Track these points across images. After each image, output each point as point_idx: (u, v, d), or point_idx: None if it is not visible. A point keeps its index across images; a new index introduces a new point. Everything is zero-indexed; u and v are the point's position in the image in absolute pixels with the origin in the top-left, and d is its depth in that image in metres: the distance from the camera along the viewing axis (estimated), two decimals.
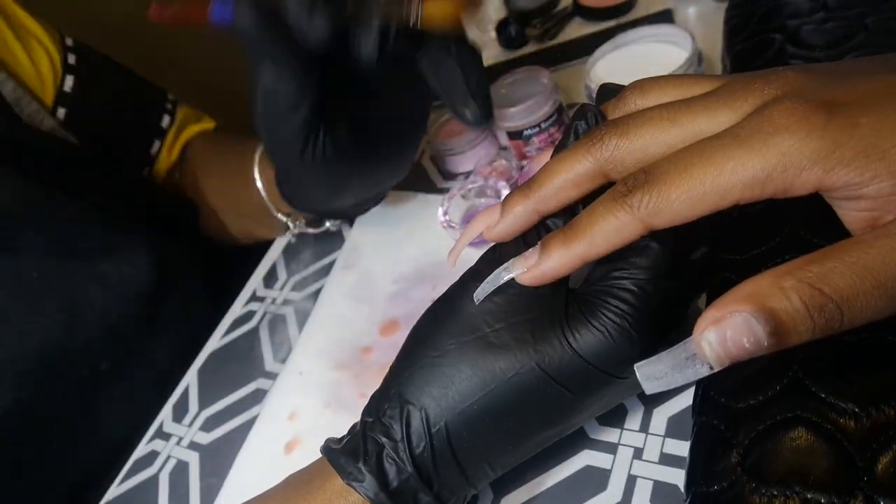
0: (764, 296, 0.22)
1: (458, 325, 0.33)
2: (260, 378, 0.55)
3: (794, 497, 0.25)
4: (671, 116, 0.27)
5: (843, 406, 0.26)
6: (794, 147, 0.23)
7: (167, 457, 0.53)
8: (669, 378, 0.24)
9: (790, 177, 0.23)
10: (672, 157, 0.26)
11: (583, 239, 0.28)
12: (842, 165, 0.23)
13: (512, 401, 0.31)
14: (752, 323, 0.22)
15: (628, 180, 0.26)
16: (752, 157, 0.24)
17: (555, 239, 0.29)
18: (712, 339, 0.22)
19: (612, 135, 0.28)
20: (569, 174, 0.30)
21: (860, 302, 0.22)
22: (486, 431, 0.32)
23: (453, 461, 0.32)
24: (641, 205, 0.26)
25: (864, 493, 0.24)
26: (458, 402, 0.32)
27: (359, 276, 0.57)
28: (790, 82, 0.25)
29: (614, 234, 0.27)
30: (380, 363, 0.50)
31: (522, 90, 0.59)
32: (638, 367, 0.25)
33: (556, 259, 0.29)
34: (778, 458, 0.26)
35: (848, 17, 0.38)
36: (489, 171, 0.58)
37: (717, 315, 0.22)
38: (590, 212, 0.28)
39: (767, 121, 0.24)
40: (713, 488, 0.28)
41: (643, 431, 0.38)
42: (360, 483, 0.32)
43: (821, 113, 0.23)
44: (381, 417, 0.33)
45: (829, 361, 0.27)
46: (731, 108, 0.26)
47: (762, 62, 0.41)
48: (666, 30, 0.55)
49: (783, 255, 0.32)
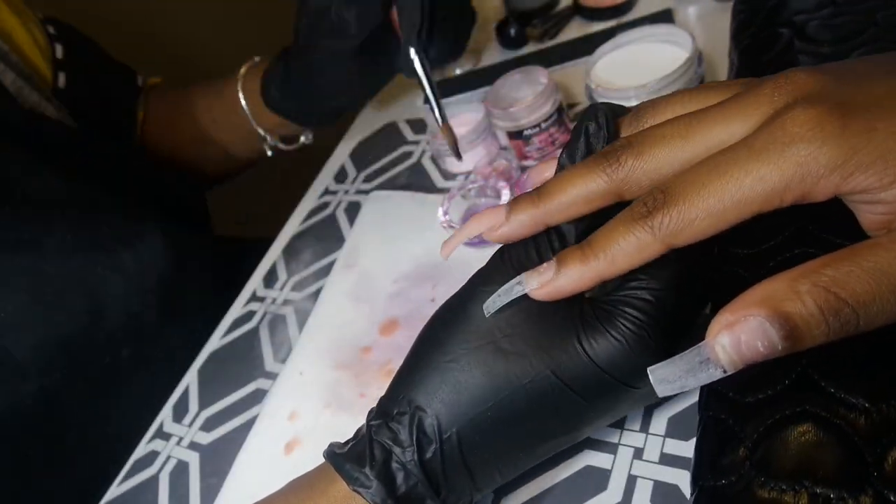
0: (779, 299, 0.22)
1: (470, 330, 0.32)
2: (260, 378, 0.55)
3: (802, 492, 0.25)
4: (686, 133, 0.27)
5: (852, 401, 0.26)
6: (812, 156, 0.23)
7: (167, 457, 0.53)
8: (683, 381, 0.24)
9: (808, 185, 0.23)
10: (690, 176, 0.25)
11: (602, 257, 0.28)
12: (860, 171, 0.23)
13: (525, 408, 0.31)
14: (767, 327, 0.22)
15: (647, 201, 0.26)
16: (769, 169, 0.23)
17: (572, 255, 0.29)
18: (726, 343, 0.22)
19: (629, 155, 0.28)
20: (581, 191, 0.29)
21: (876, 306, 0.22)
22: (498, 438, 0.32)
23: (463, 467, 0.32)
24: (663, 226, 0.26)
25: (873, 488, 0.24)
26: (471, 408, 0.31)
27: (359, 276, 0.57)
28: (801, 86, 0.25)
29: (635, 254, 0.27)
30: (380, 363, 0.49)
31: (522, 90, 0.59)
32: (651, 370, 0.25)
33: (572, 275, 0.28)
34: (786, 453, 0.26)
35: (856, 12, 0.38)
36: (489, 171, 0.58)
37: (730, 319, 0.22)
38: (610, 230, 0.28)
39: (782, 130, 0.24)
40: (720, 482, 0.27)
41: (643, 431, 0.38)
42: (367, 489, 0.32)
43: (836, 118, 0.23)
44: (389, 422, 0.33)
45: (838, 356, 0.27)
46: (745, 116, 0.26)
47: (769, 57, 0.40)
48: (666, 30, 0.55)
49: (791, 249, 0.31)
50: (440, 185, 0.63)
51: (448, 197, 0.55)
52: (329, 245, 0.63)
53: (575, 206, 0.30)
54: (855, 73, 0.25)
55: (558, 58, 0.68)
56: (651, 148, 0.28)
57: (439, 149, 0.60)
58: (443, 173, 0.63)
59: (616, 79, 0.53)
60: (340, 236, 0.63)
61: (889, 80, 0.24)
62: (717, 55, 0.57)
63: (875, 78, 0.25)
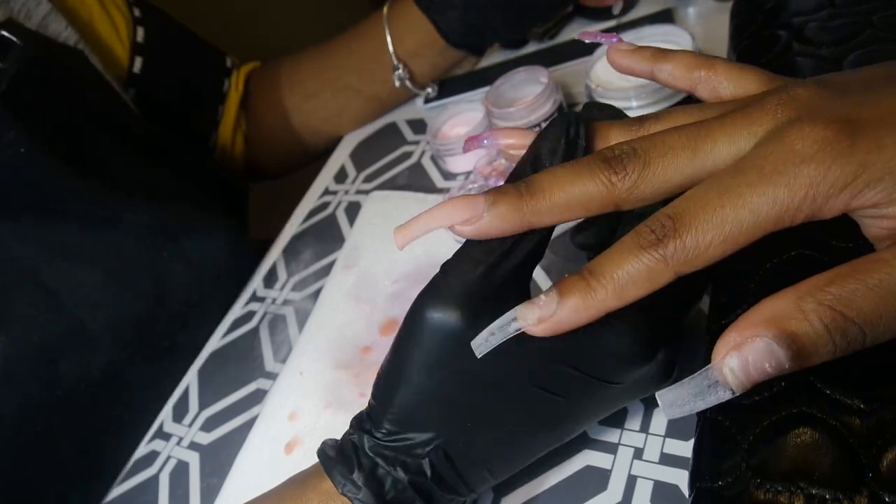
0: (785, 319, 0.22)
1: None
2: (260, 378, 0.55)
3: (798, 493, 0.25)
4: (692, 145, 0.26)
5: (848, 403, 0.26)
6: (822, 176, 0.23)
7: (167, 457, 0.53)
8: (692, 405, 0.23)
9: (819, 204, 0.23)
10: (699, 201, 0.24)
11: (610, 289, 0.25)
12: (869, 188, 0.22)
13: (506, 407, 0.31)
14: (775, 348, 0.22)
15: (655, 228, 0.25)
16: (780, 192, 0.23)
17: (575, 287, 0.26)
18: (734, 366, 0.22)
19: (637, 165, 0.26)
20: (578, 196, 0.27)
21: (883, 324, 0.21)
22: (483, 438, 0.32)
23: (452, 470, 0.32)
24: (676, 254, 0.24)
25: (868, 489, 0.24)
26: (451, 413, 0.31)
27: (359, 276, 0.57)
28: (804, 100, 0.25)
29: (645, 284, 0.25)
30: (380, 363, 0.49)
31: (522, 90, 0.59)
32: (660, 394, 0.24)
33: (576, 310, 0.26)
34: (783, 455, 0.26)
35: (854, 14, 0.38)
36: (489, 171, 0.57)
37: (737, 340, 0.22)
38: (616, 257, 0.25)
39: (790, 150, 0.23)
40: (717, 484, 0.28)
41: (643, 431, 0.38)
42: (356, 495, 0.32)
43: (844, 136, 0.23)
44: (374, 433, 0.33)
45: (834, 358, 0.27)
46: (750, 132, 0.25)
47: (768, 59, 0.40)
48: (666, 30, 0.55)
49: (789, 251, 0.31)
50: (440, 185, 0.63)
51: (448, 197, 0.55)
52: (329, 245, 0.63)
53: (570, 210, 0.28)
54: (858, 86, 0.25)
55: (558, 58, 0.68)
56: (659, 159, 0.26)
57: (439, 149, 0.61)
58: (443, 173, 0.63)
59: (616, 79, 0.53)
60: (340, 236, 0.64)
61: (892, 91, 0.24)
62: (718, 55, 0.56)
63: (877, 90, 0.24)
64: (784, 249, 0.32)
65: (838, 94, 0.25)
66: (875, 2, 0.38)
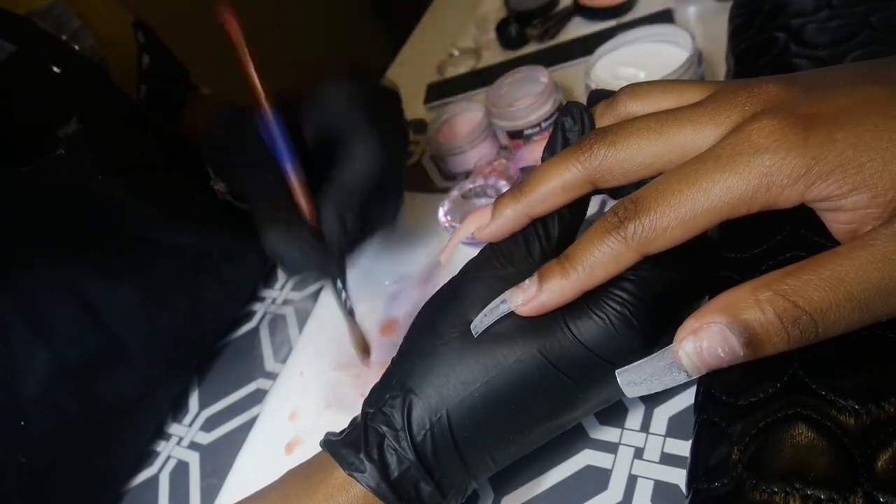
0: (739, 307, 0.23)
1: (461, 314, 0.33)
2: (260, 378, 0.55)
3: (794, 494, 0.25)
4: (658, 128, 0.28)
5: (843, 403, 0.26)
6: (776, 166, 0.24)
7: (167, 457, 0.53)
8: (649, 384, 0.25)
9: (774, 194, 0.24)
10: (659, 185, 0.26)
11: (581, 270, 0.29)
12: (821, 180, 0.23)
13: (513, 388, 0.31)
14: (727, 334, 0.23)
15: (619, 211, 0.27)
16: (735, 179, 0.24)
17: (552, 270, 0.30)
18: (689, 350, 0.24)
19: (601, 144, 0.29)
20: (558, 181, 0.31)
21: (833, 314, 0.22)
22: (488, 420, 0.32)
23: (454, 450, 0.32)
24: (635, 235, 0.27)
25: (863, 489, 0.24)
26: (460, 389, 0.32)
27: (359, 276, 0.57)
28: (772, 96, 0.26)
29: (611, 265, 0.28)
30: (380, 363, 0.50)
31: (522, 90, 0.59)
32: (619, 372, 0.26)
33: (554, 291, 0.30)
34: (778, 455, 0.26)
35: (852, 15, 0.38)
36: (489, 170, 0.58)
37: (695, 325, 0.23)
38: (585, 242, 0.29)
39: (747, 141, 0.24)
40: (714, 485, 0.28)
41: (644, 431, 0.38)
42: (362, 473, 0.32)
43: (799, 129, 0.24)
44: (383, 407, 0.33)
45: (828, 358, 0.27)
46: (716, 123, 0.27)
47: (766, 61, 0.41)
48: (666, 30, 0.55)
49: (784, 252, 0.32)
50: (440, 185, 0.63)
51: (448, 197, 0.55)
52: None
53: (554, 196, 0.31)
54: (824, 84, 0.26)
55: (558, 58, 0.68)
56: (624, 138, 0.29)
57: (439, 149, 0.61)
58: (443, 173, 0.63)
59: (616, 79, 0.53)
60: None
61: (853, 90, 0.25)
62: (717, 55, 0.57)
63: (840, 88, 0.25)
64: (780, 251, 0.32)
65: (805, 90, 0.26)
66: (872, 2, 0.38)
